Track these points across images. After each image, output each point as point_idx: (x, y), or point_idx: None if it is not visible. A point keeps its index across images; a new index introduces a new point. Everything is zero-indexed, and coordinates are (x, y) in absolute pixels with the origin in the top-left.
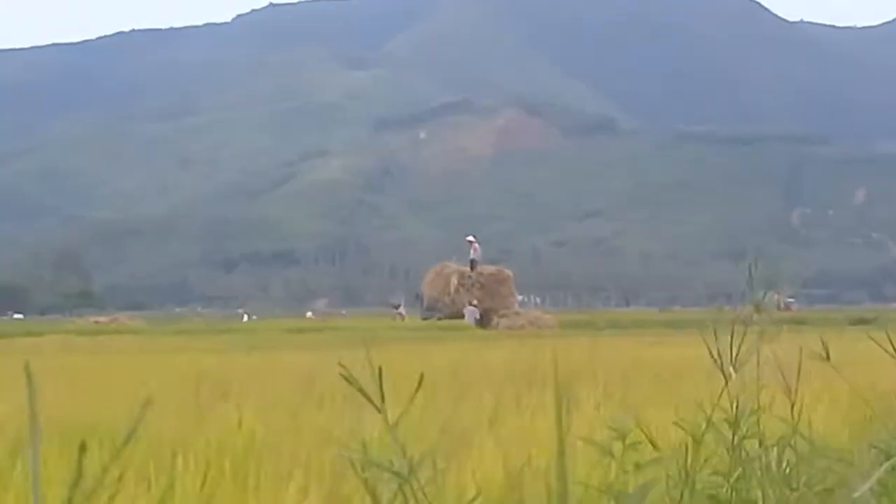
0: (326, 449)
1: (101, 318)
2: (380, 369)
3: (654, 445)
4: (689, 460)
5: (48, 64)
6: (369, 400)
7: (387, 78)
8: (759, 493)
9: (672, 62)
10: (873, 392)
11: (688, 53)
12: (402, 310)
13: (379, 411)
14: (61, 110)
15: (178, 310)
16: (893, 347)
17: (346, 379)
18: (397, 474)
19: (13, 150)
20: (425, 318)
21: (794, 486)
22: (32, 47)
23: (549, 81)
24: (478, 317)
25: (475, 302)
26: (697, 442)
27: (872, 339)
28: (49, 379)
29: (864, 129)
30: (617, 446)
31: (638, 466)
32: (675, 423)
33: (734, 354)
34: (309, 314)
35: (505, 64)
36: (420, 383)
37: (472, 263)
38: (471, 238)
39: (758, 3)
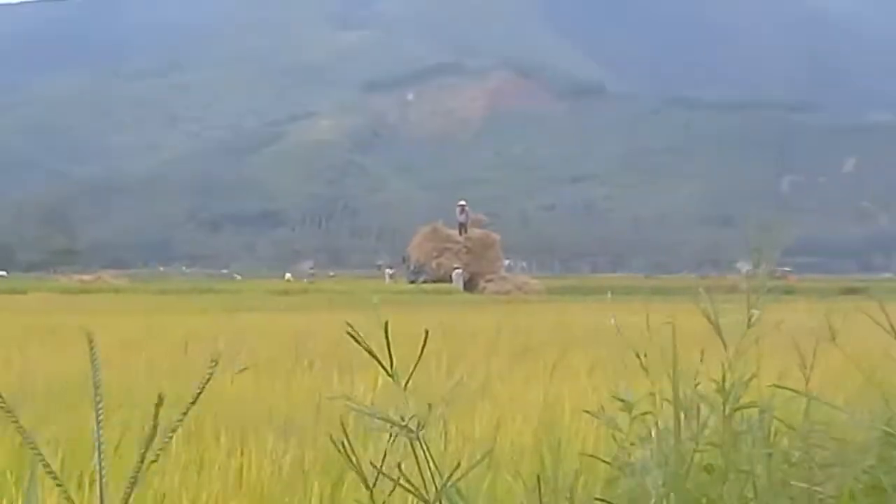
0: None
1: (86, 276)
2: (386, 325)
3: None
4: (690, 433)
5: (34, 20)
6: (377, 360)
7: (376, 38)
8: (756, 466)
9: (665, 27)
10: (868, 363)
11: (680, 19)
12: (390, 271)
13: (388, 374)
14: (47, 67)
15: (162, 269)
16: (887, 318)
17: (353, 337)
18: (406, 428)
19: None
20: (412, 282)
21: (792, 460)
22: (20, 2)
23: (541, 44)
24: (465, 280)
25: (461, 266)
26: (689, 415)
27: (865, 312)
28: (36, 338)
29: (856, 98)
30: (623, 418)
31: (641, 439)
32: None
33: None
34: (288, 276)
35: (497, 26)
36: (425, 341)
37: (462, 227)
38: (463, 202)
39: None
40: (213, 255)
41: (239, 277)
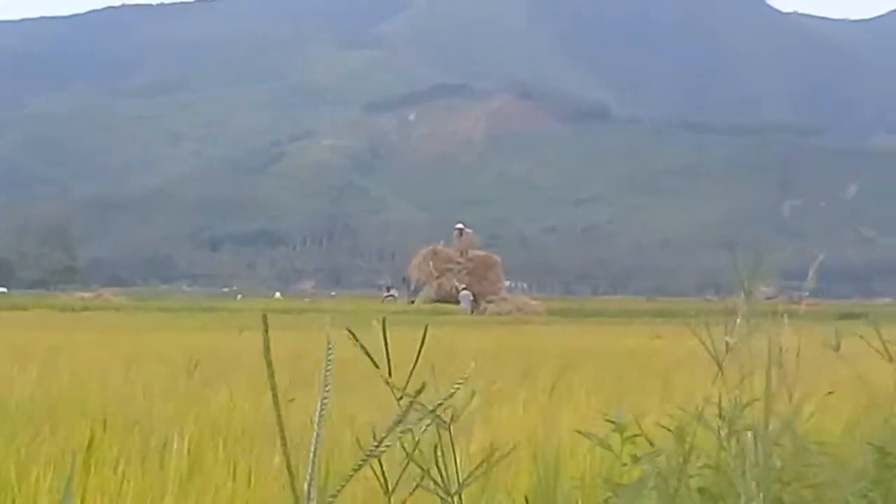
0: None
1: (86, 294)
2: (384, 322)
3: (651, 442)
4: (682, 454)
5: (37, 37)
6: (373, 361)
7: (381, 59)
8: (753, 486)
9: (669, 51)
10: (866, 387)
11: (686, 44)
12: (393, 292)
13: (387, 383)
14: (51, 84)
15: (163, 287)
16: (882, 343)
17: (354, 338)
18: (439, 418)
19: (1, 122)
20: (412, 302)
21: (786, 480)
22: (22, 20)
23: (545, 66)
24: (471, 300)
25: (465, 287)
26: (685, 437)
27: (861, 336)
28: (38, 357)
29: (860, 123)
30: (615, 439)
31: (635, 459)
32: (659, 425)
33: (727, 346)
34: (277, 294)
35: (501, 48)
36: (422, 343)
37: (462, 251)
38: (460, 225)
39: None
40: (213, 274)
41: (240, 297)
